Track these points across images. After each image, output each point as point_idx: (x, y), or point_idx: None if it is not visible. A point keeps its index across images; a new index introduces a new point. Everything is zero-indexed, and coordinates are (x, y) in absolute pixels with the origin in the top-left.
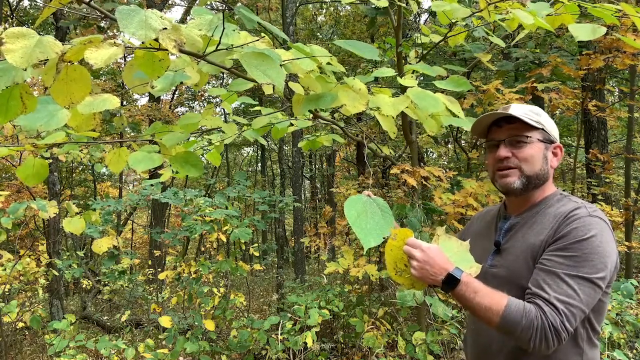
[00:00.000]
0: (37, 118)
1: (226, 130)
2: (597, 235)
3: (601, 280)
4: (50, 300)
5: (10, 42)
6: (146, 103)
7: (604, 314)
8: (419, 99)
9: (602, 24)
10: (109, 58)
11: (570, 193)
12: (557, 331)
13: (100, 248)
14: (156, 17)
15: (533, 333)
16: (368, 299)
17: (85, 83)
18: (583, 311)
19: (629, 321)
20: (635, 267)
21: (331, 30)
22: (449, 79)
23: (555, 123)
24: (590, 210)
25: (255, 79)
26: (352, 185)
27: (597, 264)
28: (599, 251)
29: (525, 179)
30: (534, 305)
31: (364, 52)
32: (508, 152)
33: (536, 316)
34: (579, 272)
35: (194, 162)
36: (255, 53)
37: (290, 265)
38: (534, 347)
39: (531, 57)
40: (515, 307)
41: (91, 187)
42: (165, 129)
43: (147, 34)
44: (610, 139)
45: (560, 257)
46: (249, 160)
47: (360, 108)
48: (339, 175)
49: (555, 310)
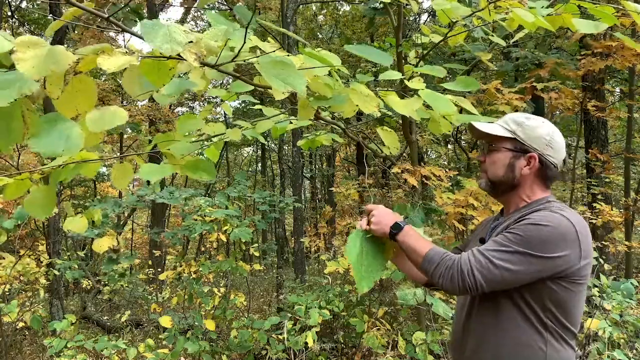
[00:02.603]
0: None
1: (230, 134)
2: (549, 227)
3: (534, 259)
4: (50, 300)
5: (21, 51)
6: (146, 103)
7: (572, 312)
8: (431, 101)
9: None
10: (122, 65)
11: (570, 193)
12: (462, 274)
13: (101, 247)
14: (179, 31)
15: (442, 270)
16: (368, 299)
17: (92, 93)
18: (501, 274)
19: (629, 321)
20: (635, 267)
21: (331, 30)
22: (457, 79)
23: (555, 123)
24: (557, 208)
25: (275, 87)
26: (352, 185)
27: (536, 246)
28: (544, 238)
29: (490, 182)
30: (460, 254)
31: (377, 59)
32: (482, 157)
33: (451, 257)
34: (512, 245)
35: (205, 167)
36: (273, 61)
37: (290, 265)
38: (441, 284)
39: (530, 57)
40: (436, 250)
41: (91, 187)
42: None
43: (174, 48)
44: (611, 139)
45: (508, 233)
46: (249, 160)
47: (372, 109)
48: (339, 175)
49: (471, 257)
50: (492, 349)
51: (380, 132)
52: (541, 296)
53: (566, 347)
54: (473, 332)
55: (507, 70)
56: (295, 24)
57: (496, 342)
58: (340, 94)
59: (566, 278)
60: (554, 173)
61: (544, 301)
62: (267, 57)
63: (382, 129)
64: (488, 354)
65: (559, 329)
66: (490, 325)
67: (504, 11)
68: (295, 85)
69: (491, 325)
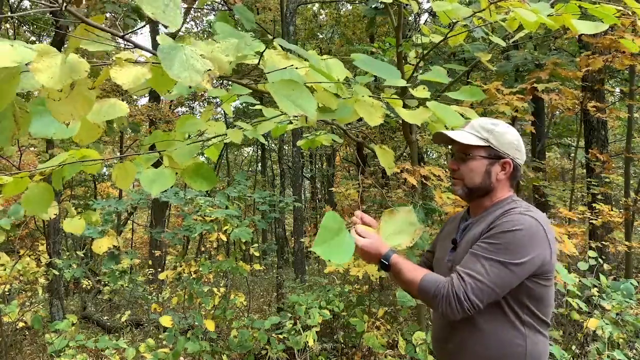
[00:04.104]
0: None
1: (232, 136)
2: (523, 230)
3: (516, 267)
4: (51, 300)
5: (37, 60)
6: (146, 103)
7: (546, 304)
8: (440, 113)
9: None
10: (135, 79)
11: (570, 193)
12: (459, 299)
13: (101, 248)
14: (197, 57)
15: (440, 299)
16: (368, 299)
17: (90, 99)
18: (492, 289)
19: (629, 321)
20: (635, 267)
21: (332, 30)
22: (462, 89)
23: (555, 123)
24: (524, 210)
25: (285, 110)
26: (352, 185)
27: (515, 252)
28: (520, 242)
29: (467, 189)
30: (449, 278)
31: (384, 74)
32: (455, 165)
33: (444, 286)
34: (494, 256)
35: (206, 174)
36: (284, 82)
37: (290, 265)
38: (442, 312)
39: (530, 58)
40: (428, 279)
41: (91, 187)
42: (166, 137)
43: (193, 78)
44: (611, 139)
45: (485, 243)
46: (249, 160)
47: (378, 121)
48: (339, 175)
49: (461, 281)
50: (474, 349)
51: (377, 151)
52: (519, 295)
53: (542, 338)
54: (454, 335)
55: (506, 71)
56: (295, 24)
57: (477, 343)
58: (346, 105)
59: (541, 275)
60: (519, 173)
61: (521, 299)
62: (276, 76)
63: (379, 148)
64: (470, 355)
65: (535, 323)
66: (471, 326)
67: (504, 11)
68: (307, 109)
69: (472, 326)
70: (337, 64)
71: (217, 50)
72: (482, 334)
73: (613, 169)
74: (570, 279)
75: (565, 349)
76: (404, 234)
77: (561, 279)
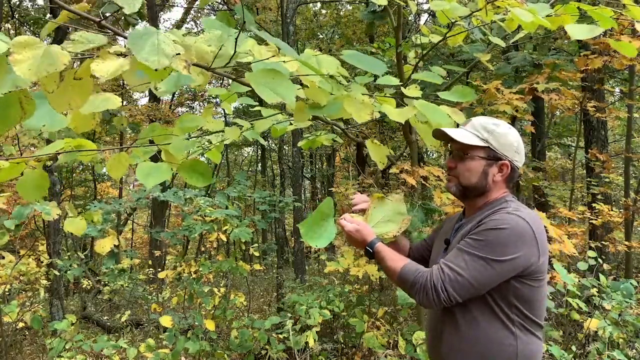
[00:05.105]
0: (39, 118)
1: (229, 134)
2: (508, 229)
3: (497, 264)
4: (51, 300)
5: (18, 52)
6: (146, 103)
7: (536, 305)
8: (426, 111)
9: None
10: (116, 71)
11: (570, 193)
12: (436, 289)
13: (103, 248)
14: (169, 42)
15: (418, 287)
16: (368, 299)
17: (87, 89)
18: (471, 283)
19: (629, 321)
20: (635, 267)
21: (332, 30)
22: (453, 89)
23: (555, 123)
24: (513, 210)
25: (264, 97)
26: (352, 185)
27: (497, 250)
28: (503, 241)
29: (461, 187)
30: (430, 268)
31: (370, 68)
32: (453, 163)
33: (422, 275)
34: (475, 252)
35: (202, 170)
36: (264, 71)
37: (290, 265)
38: (420, 301)
39: (529, 59)
40: (408, 268)
41: (91, 187)
42: (164, 131)
43: (161, 61)
44: (611, 139)
45: (469, 239)
46: (249, 160)
47: (365, 118)
48: (339, 175)
49: (441, 272)
50: (465, 349)
51: (369, 146)
52: (506, 294)
53: (534, 339)
54: (444, 335)
55: (506, 72)
56: (295, 24)
57: (468, 342)
58: (335, 101)
59: (528, 276)
60: (517, 175)
61: (509, 298)
62: (258, 65)
63: (370, 142)
64: (461, 354)
65: (526, 323)
66: (461, 326)
67: (502, 11)
68: (285, 96)
69: (461, 326)
70: (328, 60)
71: (200, 40)
72: (473, 333)
73: (613, 168)
74: (570, 279)
75: (565, 349)
76: (392, 222)
77: (561, 279)
